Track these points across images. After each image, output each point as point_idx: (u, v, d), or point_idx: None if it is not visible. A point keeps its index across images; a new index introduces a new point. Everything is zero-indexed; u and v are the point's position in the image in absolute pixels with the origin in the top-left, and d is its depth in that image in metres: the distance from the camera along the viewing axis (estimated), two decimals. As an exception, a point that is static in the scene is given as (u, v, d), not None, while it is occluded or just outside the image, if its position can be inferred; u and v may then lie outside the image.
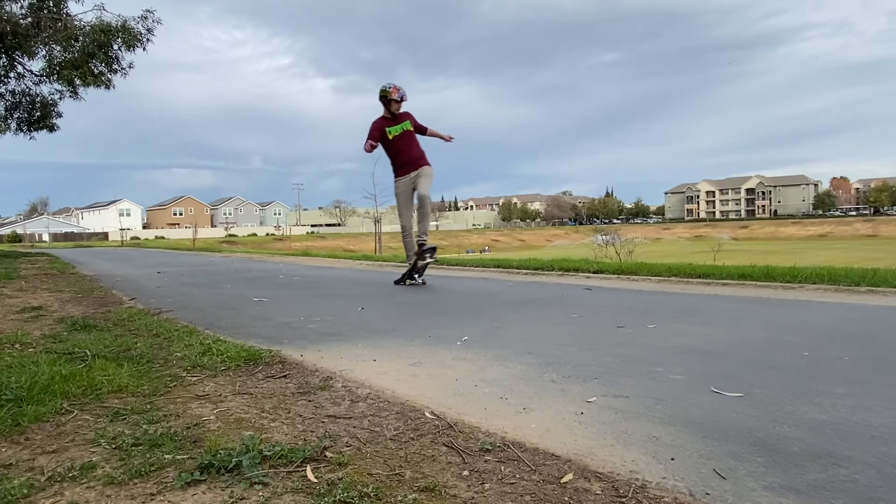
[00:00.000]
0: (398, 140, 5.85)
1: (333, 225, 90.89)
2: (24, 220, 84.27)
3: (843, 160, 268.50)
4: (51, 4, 13.01)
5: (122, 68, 13.70)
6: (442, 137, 6.12)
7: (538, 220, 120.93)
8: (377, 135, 5.81)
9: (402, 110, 5.88)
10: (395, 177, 5.98)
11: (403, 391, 1.97)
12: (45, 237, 65.14)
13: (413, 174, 5.85)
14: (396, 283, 5.78)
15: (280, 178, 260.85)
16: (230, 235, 68.33)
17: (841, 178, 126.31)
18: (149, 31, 13.52)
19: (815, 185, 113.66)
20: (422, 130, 6.04)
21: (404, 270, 5.96)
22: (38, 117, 14.81)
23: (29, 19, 12.57)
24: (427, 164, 5.90)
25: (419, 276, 5.70)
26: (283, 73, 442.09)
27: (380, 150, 5.94)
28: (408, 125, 5.87)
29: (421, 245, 5.69)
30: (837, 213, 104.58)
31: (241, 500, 1.18)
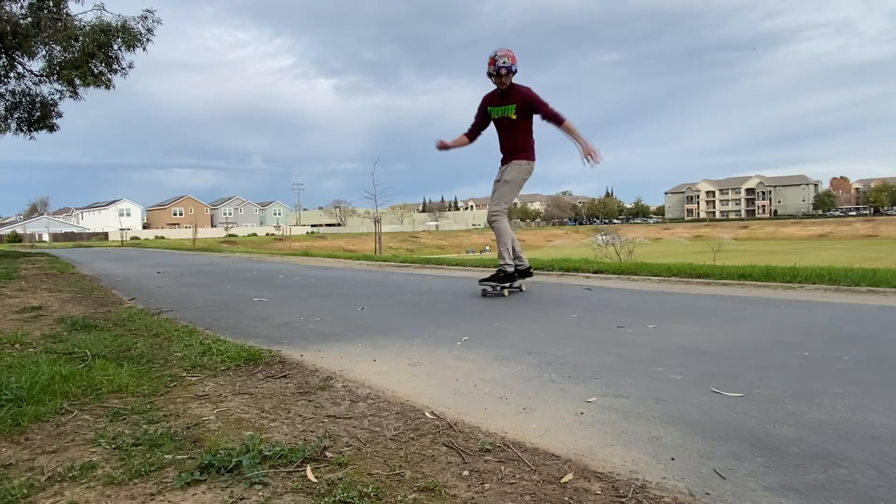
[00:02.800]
0: (497, 123, 4.83)
1: (333, 225, 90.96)
2: (24, 220, 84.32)
3: (843, 160, 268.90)
4: (51, 4, 13.02)
5: (122, 68, 13.73)
6: (580, 143, 4.54)
7: (538, 220, 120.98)
8: (478, 114, 4.88)
9: (512, 83, 4.64)
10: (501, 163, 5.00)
11: (403, 391, 1.97)
12: (45, 237, 65.16)
13: (503, 168, 4.86)
14: (481, 282, 4.87)
15: (281, 178, 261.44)
16: (230, 235, 68.34)
17: (841, 178, 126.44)
18: (149, 31, 13.55)
19: (815, 185, 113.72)
20: (548, 116, 4.61)
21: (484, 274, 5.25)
22: (38, 117, 14.83)
23: (29, 19, 12.58)
24: (520, 158, 4.77)
25: (507, 286, 4.75)
26: (285, 73, 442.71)
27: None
28: (512, 111, 4.70)
29: (519, 265, 4.86)
30: (837, 213, 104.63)
31: (241, 500, 1.18)
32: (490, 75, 4.63)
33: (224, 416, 1.69)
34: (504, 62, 4.55)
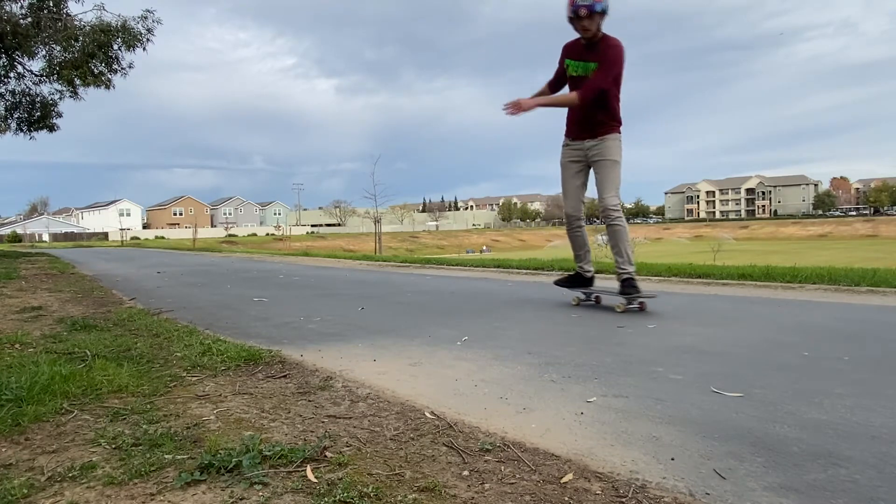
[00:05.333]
0: (574, 82, 3.79)
1: (333, 225, 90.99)
2: (24, 220, 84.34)
3: (843, 160, 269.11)
4: (51, 4, 13.02)
5: (122, 68, 13.74)
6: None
7: (538, 220, 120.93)
8: (558, 69, 3.91)
9: (604, 34, 3.63)
10: (565, 136, 3.99)
11: (403, 391, 1.97)
12: (45, 237, 65.18)
13: (590, 144, 3.81)
14: (557, 283, 4.24)
15: (281, 178, 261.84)
16: (230, 235, 68.33)
17: (841, 178, 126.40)
18: (149, 31, 13.56)
19: (815, 185, 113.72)
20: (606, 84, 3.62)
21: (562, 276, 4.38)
22: (38, 117, 14.83)
23: (29, 19, 12.58)
24: (612, 131, 3.78)
25: (628, 300, 3.69)
26: (286, 73, 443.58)
27: None
28: (592, 69, 3.66)
29: (619, 275, 3.78)
30: (837, 213, 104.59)
31: (241, 500, 1.17)
32: (570, 20, 3.62)
33: (224, 416, 1.69)
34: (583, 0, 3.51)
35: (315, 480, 1.25)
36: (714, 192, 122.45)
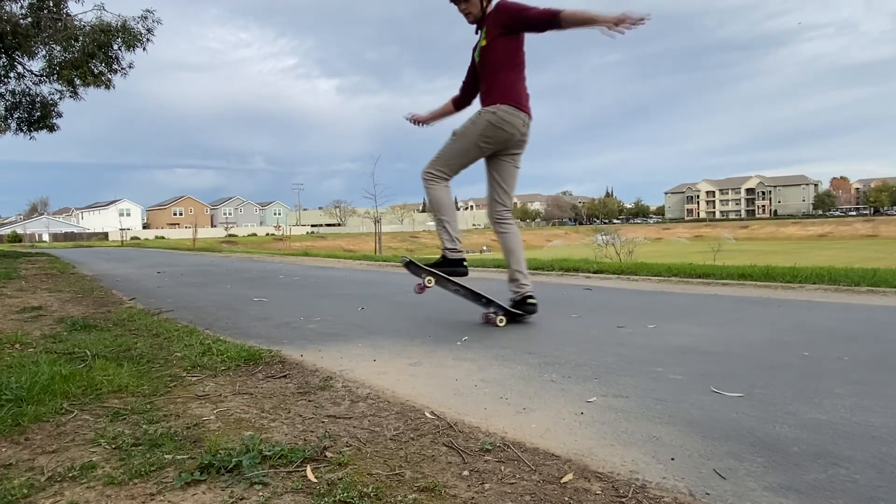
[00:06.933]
0: (479, 64, 3.24)
1: (333, 225, 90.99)
2: (24, 220, 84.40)
3: (843, 160, 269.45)
4: (51, 4, 13.02)
5: (122, 68, 13.74)
6: (599, 23, 2.78)
7: (538, 220, 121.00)
8: (468, 68, 3.42)
9: (488, 8, 3.14)
10: None
11: (403, 391, 1.97)
12: (45, 237, 65.23)
13: None
14: (407, 266, 3.40)
15: (282, 179, 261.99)
16: (230, 235, 68.36)
17: (841, 178, 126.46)
18: (149, 31, 13.56)
19: (815, 185, 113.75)
20: (539, 23, 2.97)
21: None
22: (38, 117, 14.83)
23: (29, 19, 12.58)
24: (490, 102, 3.14)
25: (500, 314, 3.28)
26: (287, 73, 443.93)
27: None
28: (483, 38, 3.15)
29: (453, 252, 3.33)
30: (837, 213, 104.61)
31: (241, 500, 1.17)
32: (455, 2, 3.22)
33: (224, 416, 1.69)
34: None
35: (315, 480, 1.25)
36: (714, 192, 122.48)
